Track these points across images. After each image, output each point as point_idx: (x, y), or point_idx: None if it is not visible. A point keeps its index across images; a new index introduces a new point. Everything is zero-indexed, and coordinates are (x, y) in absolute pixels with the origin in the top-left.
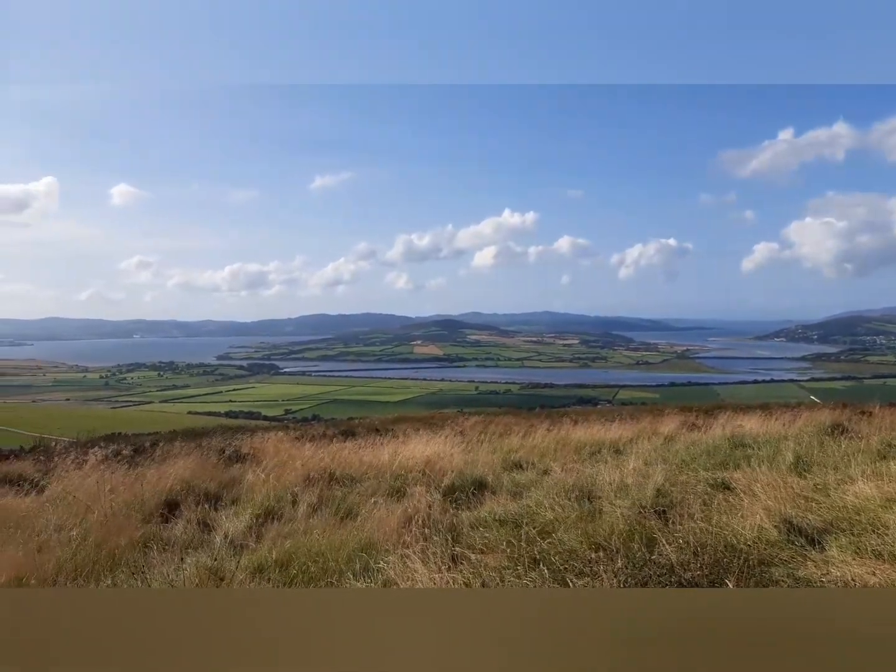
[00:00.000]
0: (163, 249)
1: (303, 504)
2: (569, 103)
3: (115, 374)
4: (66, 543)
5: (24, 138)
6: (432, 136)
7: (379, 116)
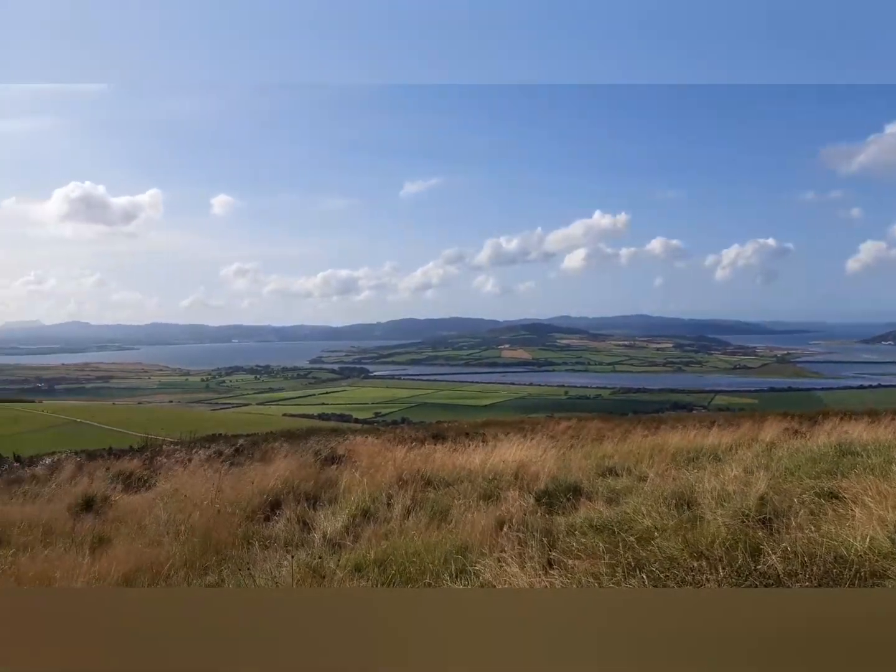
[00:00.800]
0: (259, 257)
1: (397, 505)
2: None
3: (214, 377)
4: (176, 538)
5: (131, 152)
6: (520, 139)
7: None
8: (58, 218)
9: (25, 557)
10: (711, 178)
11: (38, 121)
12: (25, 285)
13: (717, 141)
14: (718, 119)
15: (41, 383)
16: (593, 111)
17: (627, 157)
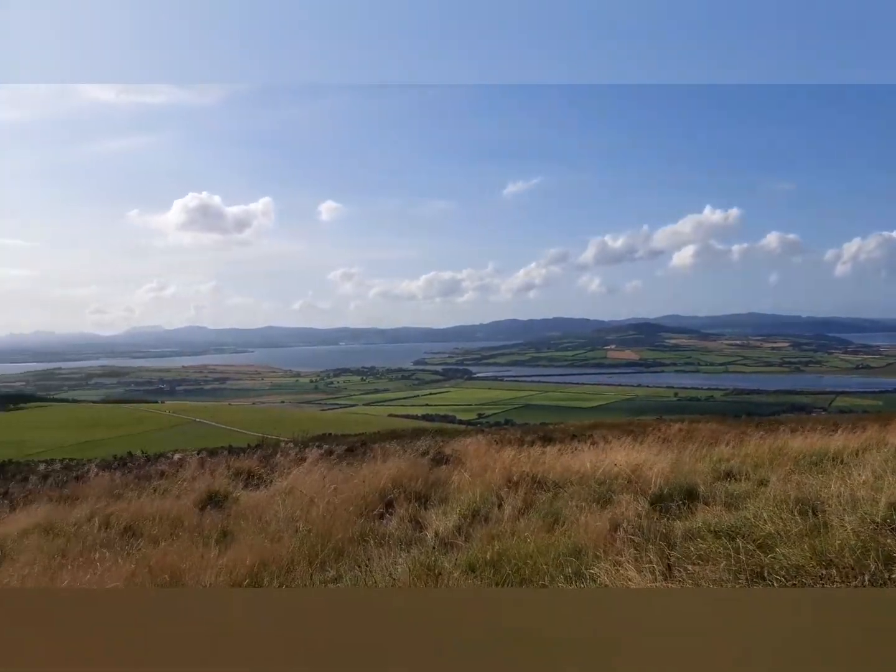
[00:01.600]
0: (364, 261)
1: (508, 507)
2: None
3: (323, 378)
4: (295, 534)
5: (244, 162)
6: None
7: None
8: (177, 227)
9: (157, 549)
10: (828, 168)
11: (158, 136)
12: (149, 292)
13: (833, 131)
14: (832, 109)
15: (164, 384)
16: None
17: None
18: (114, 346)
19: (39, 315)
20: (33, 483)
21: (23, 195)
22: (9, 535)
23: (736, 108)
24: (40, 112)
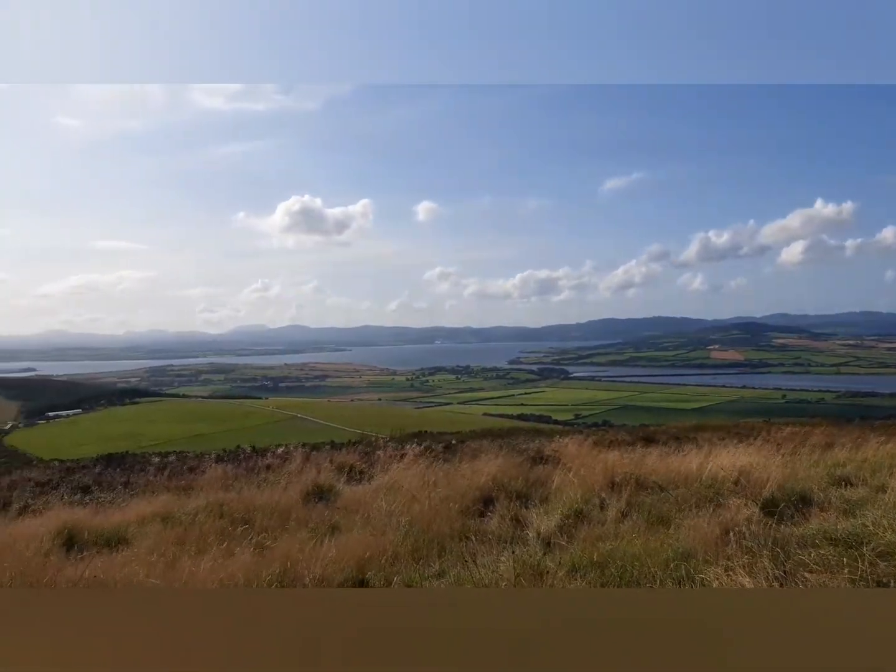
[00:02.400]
0: (460, 260)
1: (611, 508)
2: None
3: (418, 376)
4: (397, 529)
5: (344, 165)
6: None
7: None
8: (281, 230)
9: (270, 539)
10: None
11: (264, 141)
12: (253, 292)
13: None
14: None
15: (267, 381)
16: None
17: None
18: (221, 345)
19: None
20: (151, 473)
21: (141, 201)
22: (130, 522)
23: (850, 99)
24: (156, 121)
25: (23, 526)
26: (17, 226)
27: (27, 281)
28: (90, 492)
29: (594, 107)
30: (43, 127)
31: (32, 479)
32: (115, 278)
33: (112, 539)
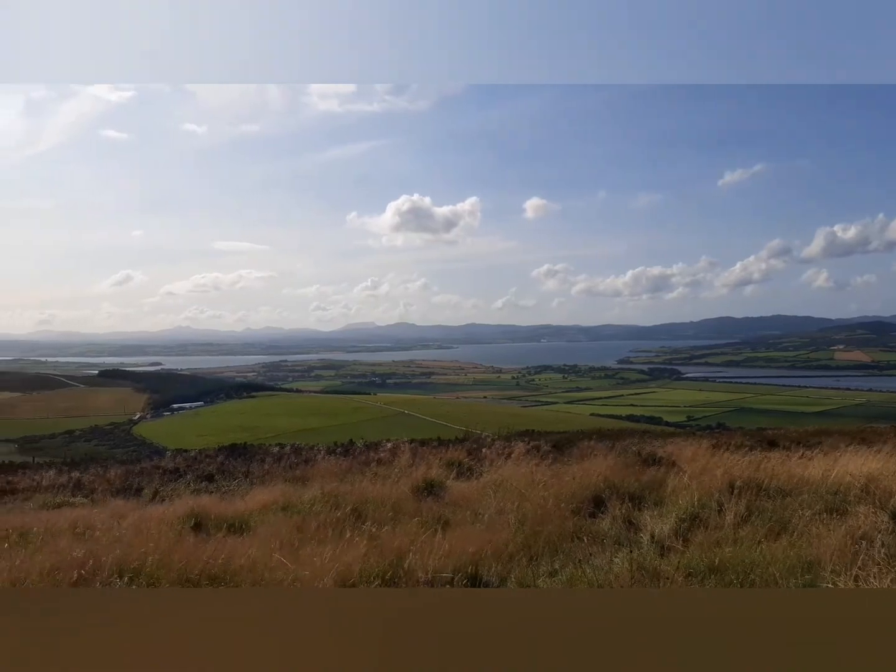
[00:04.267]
0: (569, 257)
1: (729, 513)
2: None
3: (524, 375)
4: (507, 526)
5: (452, 164)
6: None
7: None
8: (390, 229)
9: (384, 531)
10: None
11: (376, 142)
12: (363, 290)
13: None
14: None
15: (375, 378)
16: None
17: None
18: (331, 342)
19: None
20: (269, 464)
21: (260, 204)
22: (252, 510)
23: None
24: (274, 126)
25: (154, 510)
26: (147, 228)
27: (155, 280)
28: (214, 480)
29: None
30: (171, 134)
31: (161, 467)
32: (235, 277)
33: (236, 525)
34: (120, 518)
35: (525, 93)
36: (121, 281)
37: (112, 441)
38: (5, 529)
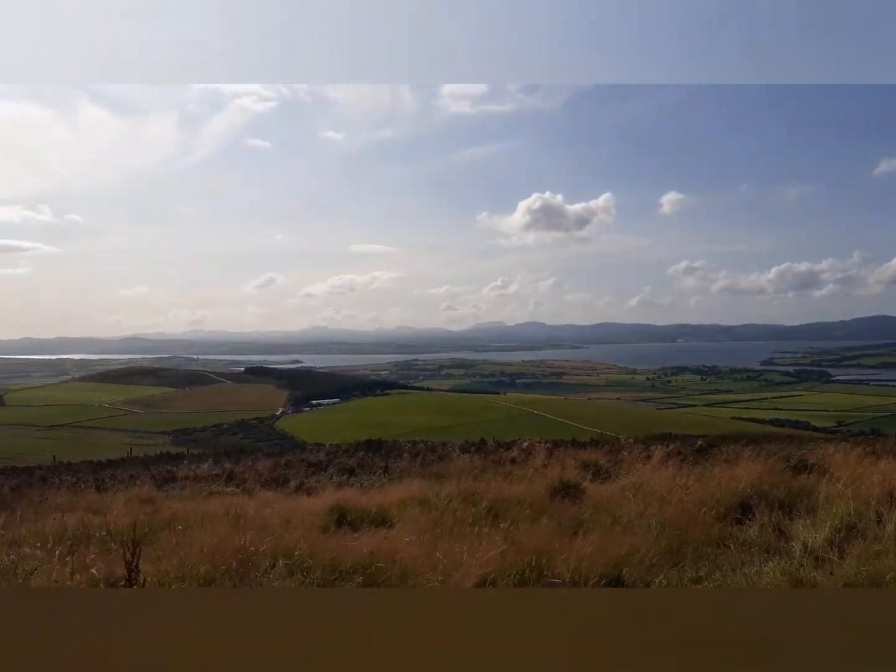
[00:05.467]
0: (708, 254)
1: (889, 523)
2: None
3: (660, 376)
4: (648, 531)
5: (585, 160)
6: None
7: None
8: (521, 228)
9: (522, 531)
10: None
11: (507, 142)
12: (493, 290)
13: None
14: None
15: (505, 377)
16: None
17: None
18: (461, 341)
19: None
20: (406, 460)
21: (394, 206)
22: (392, 504)
23: None
24: (407, 130)
25: (301, 501)
26: (287, 232)
27: (296, 282)
28: (354, 474)
29: (863, 84)
30: (311, 142)
31: (305, 460)
32: (370, 278)
33: (377, 518)
34: (270, 507)
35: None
36: (264, 283)
37: (257, 434)
38: (171, 514)
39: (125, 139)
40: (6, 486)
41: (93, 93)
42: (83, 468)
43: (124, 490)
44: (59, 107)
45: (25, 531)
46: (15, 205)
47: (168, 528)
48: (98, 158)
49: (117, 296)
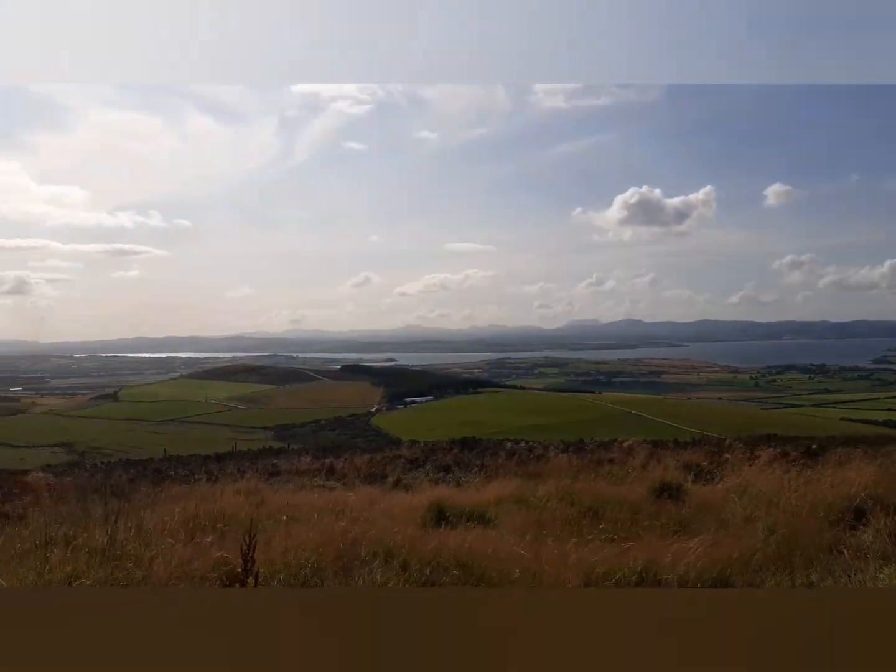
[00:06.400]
0: (816, 247)
1: None
2: None
3: (764, 375)
4: (755, 534)
5: (685, 153)
6: None
7: None
8: (617, 223)
9: (622, 532)
10: None
11: (603, 136)
12: (588, 287)
13: None
14: None
15: (600, 376)
16: None
17: None
18: (554, 339)
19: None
20: (502, 458)
21: (486, 204)
22: (489, 501)
23: None
24: (501, 127)
25: (399, 497)
26: (383, 232)
27: (390, 281)
28: (450, 471)
29: None
30: (406, 142)
31: (401, 456)
32: (463, 277)
33: (474, 516)
34: (370, 502)
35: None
36: (360, 283)
37: (353, 431)
38: (276, 506)
39: (229, 146)
40: (124, 477)
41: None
42: (192, 461)
43: (232, 482)
44: (167, 115)
45: (145, 519)
46: (127, 210)
47: (274, 519)
48: (204, 164)
49: (223, 297)
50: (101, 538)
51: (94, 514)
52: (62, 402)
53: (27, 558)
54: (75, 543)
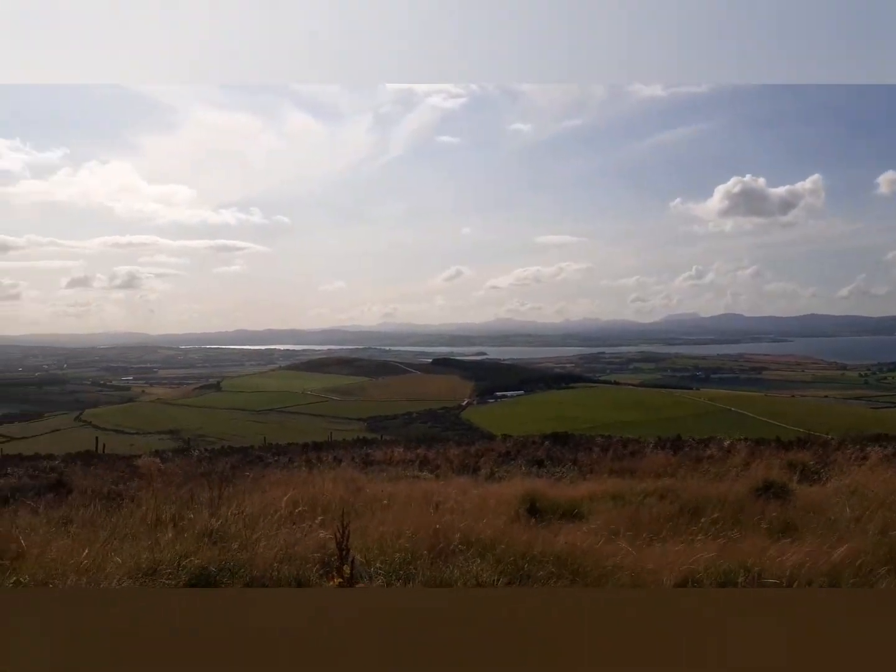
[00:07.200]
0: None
1: None
2: None
3: (874, 372)
4: (865, 536)
5: (794, 140)
6: None
7: None
8: (718, 214)
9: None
10: None
11: (703, 124)
12: (686, 280)
13: None
14: None
15: (699, 372)
16: None
17: None
18: (650, 333)
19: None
20: (595, 453)
21: (581, 196)
22: (583, 497)
23: None
24: (596, 117)
25: (493, 488)
26: (474, 225)
27: (481, 274)
28: (543, 465)
29: None
30: (498, 135)
31: (493, 449)
32: (555, 270)
33: (568, 511)
34: (464, 493)
35: None
36: (451, 276)
37: (444, 424)
38: (372, 494)
39: (325, 143)
40: (227, 464)
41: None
42: (291, 449)
43: (330, 470)
44: (267, 114)
45: (248, 504)
46: (230, 208)
47: (371, 507)
48: (301, 161)
49: (319, 291)
50: (208, 521)
51: (200, 497)
52: (170, 392)
53: (140, 538)
54: (182, 524)
